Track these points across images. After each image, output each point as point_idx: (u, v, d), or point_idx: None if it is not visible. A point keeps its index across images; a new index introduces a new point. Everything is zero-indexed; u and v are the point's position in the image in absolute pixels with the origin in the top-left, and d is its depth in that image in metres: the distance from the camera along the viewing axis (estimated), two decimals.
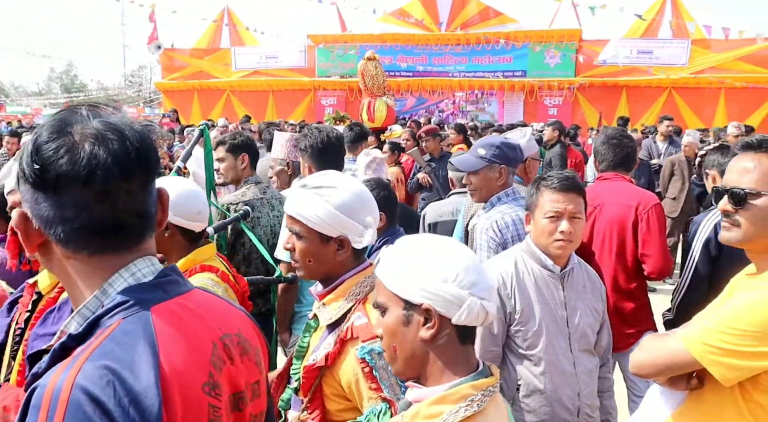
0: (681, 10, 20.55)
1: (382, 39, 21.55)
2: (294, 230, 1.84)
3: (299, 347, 1.87)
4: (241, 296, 2.49)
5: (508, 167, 3.20)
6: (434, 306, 1.32)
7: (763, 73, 18.78)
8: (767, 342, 1.59)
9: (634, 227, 3.30)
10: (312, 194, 1.79)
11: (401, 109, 21.24)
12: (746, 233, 1.73)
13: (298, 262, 1.87)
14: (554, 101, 20.51)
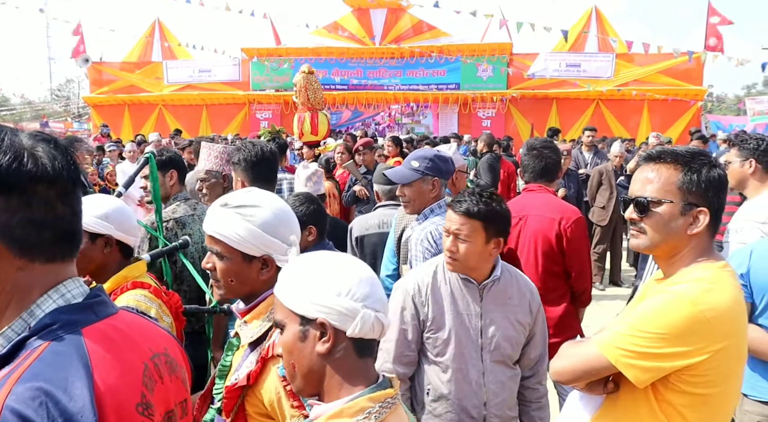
0: (605, 25, 21.34)
1: (317, 52, 21.59)
2: (214, 250, 1.81)
3: (221, 366, 1.84)
4: (174, 312, 2.46)
5: (440, 179, 3.25)
6: (329, 320, 1.33)
7: (682, 86, 19.71)
8: (674, 343, 1.67)
9: (557, 239, 3.40)
10: (233, 214, 1.77)
11: (337, 122, 21.29)
12: (652, 240, 1.80)
13: (219, 281, 1.84)
14: (487, 113, 20.93)
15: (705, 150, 1.81)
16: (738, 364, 1.77)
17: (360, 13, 21.98)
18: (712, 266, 1.74)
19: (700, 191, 1.72)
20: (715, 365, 1.68)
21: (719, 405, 1.75)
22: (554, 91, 20.44)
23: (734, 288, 1.74)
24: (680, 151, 1.77)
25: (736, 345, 1.72)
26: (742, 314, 1.75)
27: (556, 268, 3.43)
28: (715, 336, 1.66)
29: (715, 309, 1.67)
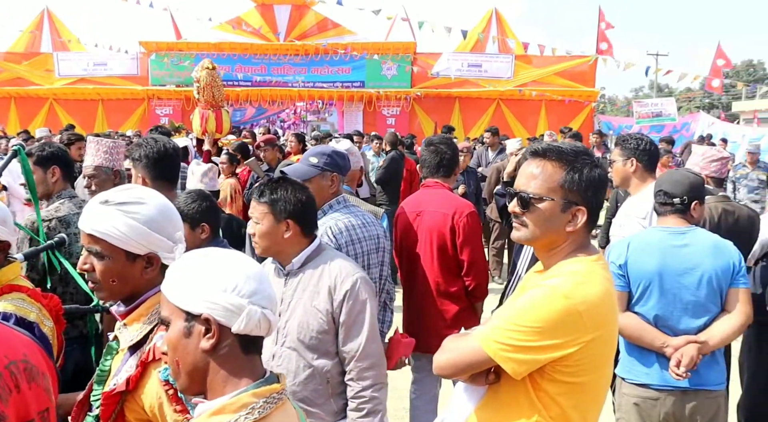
0: (505, 27, 22.02)
1: (219, 48, 21.07)
2: (93, 249, 1.73)
3: (99, 371, 1.76)
4: (55, 315, 2.32)
5: (339, 174, 3.25)
6: (214, 316, 1.32)
7: (577, 87, 20.65)
8: (549, 336, 1.73)
9: (451, 234, 3.47)
10: (115, 211, 1.70)
11: (241, 119, 20.90)
12: (532, 234, 1.86)
13: (97, 283, 1.76)
14: (392, 111, 21.14)
15: (588, 150, 1.87)
16: (609, 352, 1.86)
17: (264, 9, 21.64)
18: (585, 259, 1.81)
19: (580, 191, 1.78)
20: (587, 354, 1.75)
21: (592, 391, 1.83)
22: (457, 91, 20.88)
23: (605, 281, 1.82)
24: (565, 149, 1.81)
25: (606, 334, 1.80)
26: (612, 305, 1.83)
27: (452, 263, 3.50)
28: (586, 328, 1.73)
29: (587, 302, 1.74)
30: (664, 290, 2.84)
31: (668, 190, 2.97)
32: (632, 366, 2.94)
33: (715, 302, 2.87)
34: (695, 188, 3.02)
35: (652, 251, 2.88)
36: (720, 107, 46.20)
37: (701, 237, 2.94)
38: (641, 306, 2.88)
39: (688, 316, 2.86)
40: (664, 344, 2.83)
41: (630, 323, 2.87)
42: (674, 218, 2.98)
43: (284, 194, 2.48)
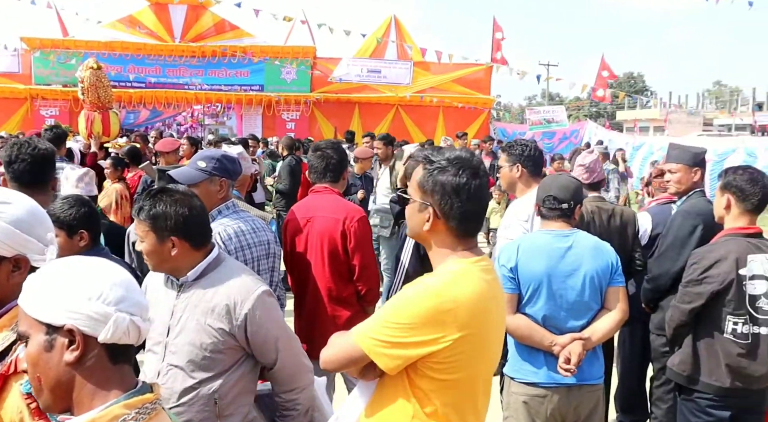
0: (404, 34, 22.38)
1: (110, 47, 20.23)
2: None
3: None
4: None
5: (228, 180, 3.18)
6: (78, 326, 1.26)
7: (473, 94, 21.30)
8: (417, 333, 1.78)
9: (342, 239, 3.48)
10: None
11: (134, 122, 20.17)
12: (411, 230, 1.98)
13: None
14: (291, 116, 21.02)
15: (465, 157, 1.89)
16: (482, 352, 1.88)
17: (158, 8, 20.96)
18: (464, 261, 1.87)
19: (432, 193, 1.86)
20: (457, 352, 1.79)
21: (467, 389, 1.88)
22: (356, 96, 21.03)
23: (481, 282, 1.85)
24: (435, 156, 1.89)
25: (477, 334, 1.83)
26: (485, 306, 1.85)
27: (343, 268, 3.51)
28: (455, 326, 1.77)
29: (455, 301, 1.78)
30: (552, 292, 2.96)
31: (557, 195, 3.10)
32: (521, 366, 3.04)
33: (597, 301, 3.03)
34: (578, 193, 3.18)
35: (540, 254, 2.99)
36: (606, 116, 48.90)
37: (583, 239, 3.10)
38: (531, 307, 2.99)
39: (573, 315, 2.99)
40: (552, 343, 2.94)
41: (520, 324, 2.97)
42: (560, 221, 3.12)
43: (164, 209, 2.27)
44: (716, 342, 3.15)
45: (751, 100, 52.58)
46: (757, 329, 3.10)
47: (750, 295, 3.08)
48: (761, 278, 3.09)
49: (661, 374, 3.91)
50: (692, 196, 4.00)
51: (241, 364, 2.35)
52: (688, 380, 3.23)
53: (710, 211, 3.46)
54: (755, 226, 3.23)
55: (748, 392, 3.15)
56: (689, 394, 3.25)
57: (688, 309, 3.20)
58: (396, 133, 17.88)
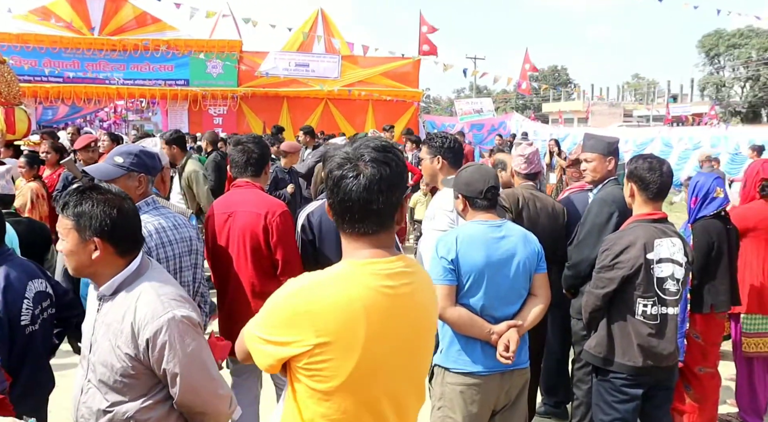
0: (331, 27, 22.30)
1: (23, 39, 19.31)
2: None
3: None
4: None
5: (147, 175, 3.10)
6: None
7: (402, 87, 21.44)
8: (277, 332, 1.68)
9: (264, 233, 3.44)
10: None
11: (52, 118, 19.36)
12: None
13: None
14: (219, 111, 20.63)
15: (356, 154, 1.73)
16: (366, 367, 1.69)
17: (74, 0, 20.14)
18: (353, 262, 1.74)
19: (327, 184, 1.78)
20: (319, 360, 1.66)
21: (347, 405, 1.71)
22: (285, 90, 20.83)
23: (362, 288, 1.69)
24: (330, 153, 1.80)
25: (348, 345, 1.67)
26: (358, 315, 1.67)
27: (266, 263, 3.47)
28: (312, 331, 1.64)
29: (312, 303, 1.66)
30: (489, 281, 3.01)
31: (480, 187, 3.16)
32: (458, 357, 3.08)
33: (526, 288, 3.12)
34: (497, 182, 3.26)
35: (479, 244, 3.02)
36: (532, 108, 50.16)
37: (514, 228, 3.17)
38: (470, 298, 3.02)
39: (507, 303, 3.07)
40: (490, 331, 3.00)
41: (462, 315, 3.00)
42: (491, 212, 3.18)
43: (91, 208, 2.11)
44: (628, 324, 3.29)
45: (666, 92, 55.00)
46: (665, 310, 3.26)
47: (657, 278, 3.23)
48: (667, 261, 3.25)
49: (581, 356, 4.06)
50: (607, 184, 4.15)
51: (163, 388, 2.17)
52: (603, 361, 3.36)
53: (624, 198, 3.61)
54: (660, 211, 3.39)
55: (658, 369, 3.30)
56: (605, 375, 3.38)
57: (601, 294, 3.33)
58: (326, 127, 17.90)
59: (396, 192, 1.73)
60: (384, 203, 1.70)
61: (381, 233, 1.75)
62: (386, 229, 1.75)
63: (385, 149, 1.74)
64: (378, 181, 1.69)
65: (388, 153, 1.73)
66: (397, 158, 1.74)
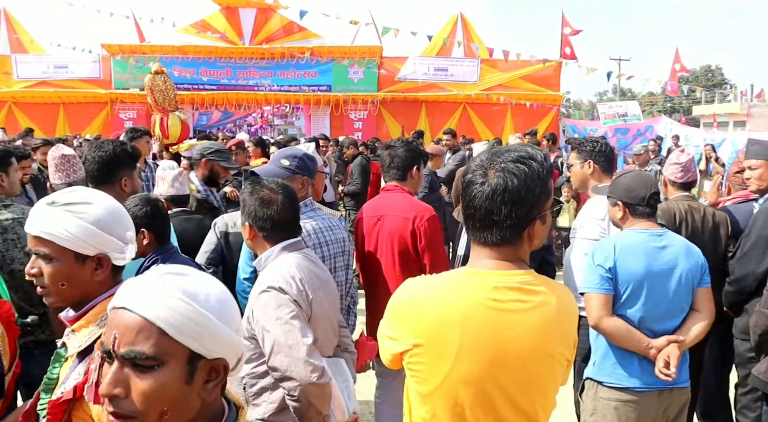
0: (470, 32, 22.18)
1: (184, 51, 20.85)
2: (41, 252, 1.68)
3: (47, 379, 1.72)
4: (5, 322, 2.28)
5: (309, 178, 3.23)
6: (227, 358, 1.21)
7: (542, 91, 20.91)
8: (388, 327, 1.76)
9: (412, 238, 3.47)
10: (62, 211, 1.67)
11: (206, 123, 20.71)
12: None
13: (46, 288, 1.71)
14: (359, 115, 21.13)
15: (491, 161, 1.69)
16: (450, 374, 1.66)
17: (228, 12, 21.46)
18: (468, 270, 1.73)
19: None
20: (416, 362, 1.68)
21: (441, 408, 1.69)
22: (423, 95, 20.96)
23: (461, 296, 1.67)
24: (474, 157, 1.85)
25: (438, 350, 1.66)
26: (450, 321, 1.65)
27: (413, 266, 3.50)
28: (409, 330, 1.68)
29: (412, 304, 1.70)
30: (650, 292, 2.87)
31: (643, 193, 3.02)
32: (613, 370, 2.95)
33: (688, 302, 2.95)
34: (658, 188, 3.10)
35: (638, 253, 2.90)
36: (681, 111, 47.21)
37: (675, 238, 3.01)
38: (627, 308, 2.90)
39: (668, 317, 2.91)
40: (648, 345, 2.86)
41: (619, 326, 2.88)
42: (651, 220, 3.03)
43: (247, 198, 2.58)
44: None
45: None
46: None
47: None
48: None
49: (747, 381, 3.75)
50: None
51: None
52: None
53: None
54: None
55: None
56: None
57: None
58: (464, 131, 17.82)
59: (523, 206, 1.63)
60: (507, 215, 1.63)
61: (505, 246, 1.68)
62: (510, 243, 1.68)
63: (521, 160, 1.65)
64: (502, 192, 1.62)
65: (522, 164, 1.64)
66: (531, 170, 1.64)
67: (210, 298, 1.16)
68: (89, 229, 1.67)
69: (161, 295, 1.12)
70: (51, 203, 1.69)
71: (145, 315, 1.11)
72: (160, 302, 1.11)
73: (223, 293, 1.21)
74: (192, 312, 1.12)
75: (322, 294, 2.54)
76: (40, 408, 1.69)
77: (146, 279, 1.16)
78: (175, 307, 1.11)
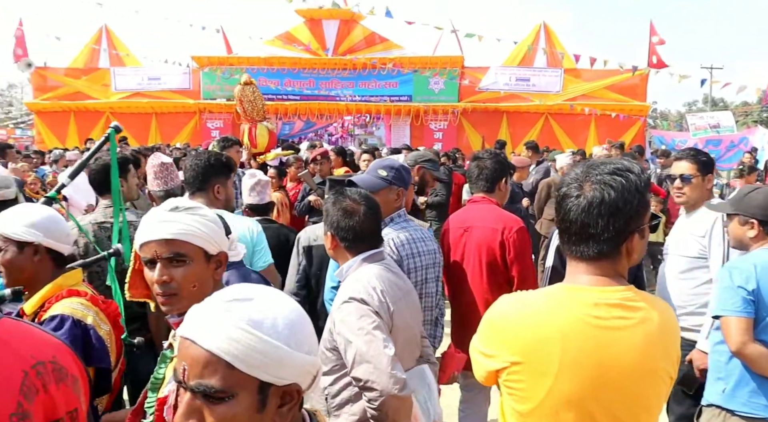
0: (554, 40, 21.82)
1: (269, 62, 21.47)
2: (174, 254, 1.72)
3: (154, 378, 1.78)
4: (113, 320, 2.39)
5: (404, 189, 3.24)
6: (300, 384, 1.18)
7: (628, 101, 20.29)
8: (482, 344, 1.72)
9: (501, 249, 3.42)
10: (187, 215, 1.75)
11: (289, 132, 21.19)
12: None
13: (176, 294, 1.74)
14: (439, 125, 21.12)
15: (586, 173, 1.68)
16: (551, 393, 1.62)
17: (312, 24, 21.97)
18: (565, 286, 1.70)
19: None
20: (515, 380, 1.64)
21: None
22: (504, 105, 20.75)
23: (560, 313, 1.63)
24: (566, 170, 1.82)
25: (537, 369, 1.62)
26: (550, 338, 1.61)
27: (501, 279, 3.45)
28: (506, 348, 1.65)
29: (509, 321, 1.67)
30: None
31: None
32: (749, 399, 2.77)
33: None
34: None
35: None
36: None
37: None
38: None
39: None
40: None
41: (763, 352, 2.72)
42: None
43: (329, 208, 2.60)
44: None
45: None
46: None
47: None
48: None
49: None
50: None
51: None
52: None
53: None
54: None
55: None
56: None
57: None
58: (546, 142, 17.51)
59: (621, 218, 1.61)
60: (604, 228, 1.61)
61: (602, 260, 1.65)
62: (608, 257, 1.65)
63: (617, 172, 1.63)
64: (599, 204, 1.61)
65: (619, 177, 1.62)
66: (628, 182, 1.61)
67: (277, 324, 1.11)
68: (213, 228, 1.77)
69: (226, 326, 1.08)
70: (174, 209, 1.76)
71: (210, 349, 1.08)
72: (225, 333, 1.08)
73: (292, 313, 1.15)
74: (258, 343, 1.08)
75: (403, 305, 2.52)
76: (148, 406, 1.76)
77: (211, 308, 1.12)
78: (240, 339, 1.07)
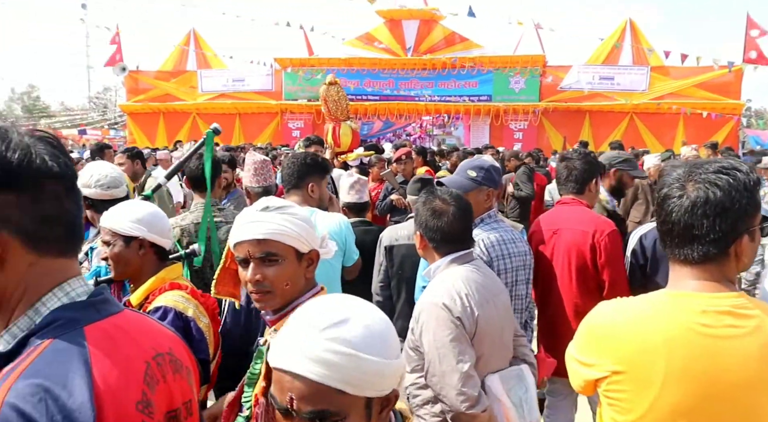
0: (640, 38, 21.10)
1: (349, 63, 21.74)
2: (267, 254, 1.76)
3: (250, 374, 1.82)
4: (211, 313, 2.48)
5: (495, 190, 3.20)
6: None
7: (719, 99, 19.36)
8: (580, 352, 1.67)
9: (591, 252, 3.31)
10: (278, 214, 1.78)
11: (368, 132, 21.37)
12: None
13: (269, 293, 1.77)
14: (519, 125, 20.81)
15: (689, 173, 1.61)
16: (656, 405, 1.55)
17: (392, 24, 22.10)
18: (670, 292, 1.64)
19: None
20: (616, 389, 1.59)
21: None
22: (587, 104, 20.23)
23: (665, 320, 1.56)
24: (667, 170, 1.72)
25: (641, 378, 1.55)
26: (654, 347, 1.55)
27: (591, 282, 3.34)
28: (608, 356, 1.60)
29: (611, 328, 1.62)
30: None
31: None
32: None
33: None
34: None
35: None
36: None
37: None
38: None
39: None
40: None
41: None
42: None
43: (419, 207, 2.61)
44: None
45: None
46: None
47: None
48: None
49: None
50: None
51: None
52: None
53: None
54: None
55: None
56: None
57: None
58: (631, 142, 16.97)
59: (728, 219, 1.53)
60: (710, 229, 1.54)
61: (708, 263, 1.57)
62: (715, 260, 1.57)
63: (723, 171, 1.56)
64: (703, 204, 1.53)
65: (724, 175, 1.55)
66: (736, 180, 1.54)
67: (374, 339, 1.10)
68: (305, 226, 1.79)
69: (329, 356, 1.07)
70: (264, 209, 1.78)
71: (323, 381, 1.07)
72: (326, 362, 1.07)
73: (380, 323, 1.14)
74: (363, 364, 1.08)
75: (491, 307, 2.48)
76: (245, 400, 1.80)
77: (309, 338, 1.09)
78: (347, 365, 1.07)
